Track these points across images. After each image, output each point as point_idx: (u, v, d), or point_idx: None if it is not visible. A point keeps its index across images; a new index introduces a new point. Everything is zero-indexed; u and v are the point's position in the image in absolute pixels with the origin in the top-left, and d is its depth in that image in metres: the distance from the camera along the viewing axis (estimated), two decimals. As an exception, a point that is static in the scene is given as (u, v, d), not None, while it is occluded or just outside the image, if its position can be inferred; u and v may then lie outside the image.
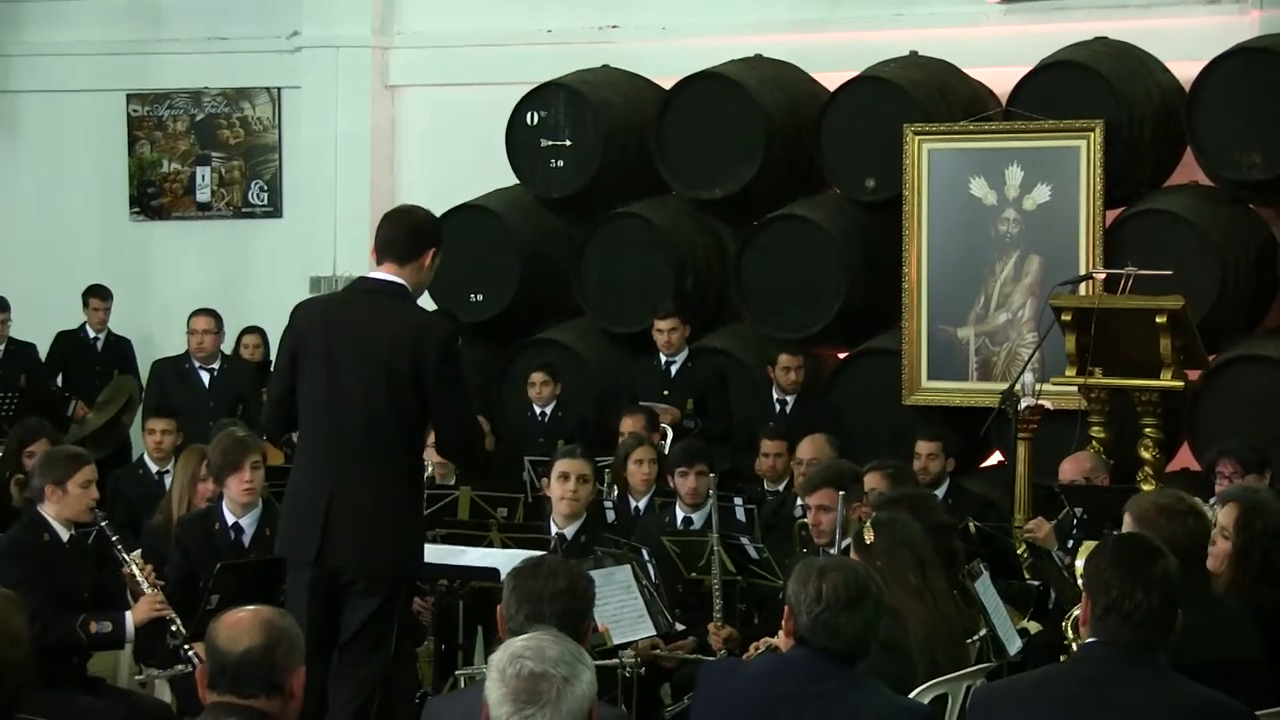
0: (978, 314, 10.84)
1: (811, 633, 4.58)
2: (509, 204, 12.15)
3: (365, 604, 6.29)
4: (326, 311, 6.52)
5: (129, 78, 14.23)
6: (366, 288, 6.44)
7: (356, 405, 6.26)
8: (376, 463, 6.25)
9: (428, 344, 6.24)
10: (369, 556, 6.26)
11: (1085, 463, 8.63)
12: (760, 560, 7.75)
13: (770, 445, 9.99)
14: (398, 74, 13.42)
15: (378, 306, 6.33)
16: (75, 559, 7.06)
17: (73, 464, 7.08)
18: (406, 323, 6.30)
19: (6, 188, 14.55)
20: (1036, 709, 4.41)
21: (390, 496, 6.28)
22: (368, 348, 6.25)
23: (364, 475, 6.25)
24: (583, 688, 3.60)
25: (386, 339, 6.24)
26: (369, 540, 6.25)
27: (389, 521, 6.28)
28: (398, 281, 6.34)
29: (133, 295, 13.43)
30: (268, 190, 14.05)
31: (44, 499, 7.02)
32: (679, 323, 11.06)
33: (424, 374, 6.21)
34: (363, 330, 6.29)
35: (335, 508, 6.24)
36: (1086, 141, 10.43)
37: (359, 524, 6.24)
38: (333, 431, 6.31)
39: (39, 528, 7.01)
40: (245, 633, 4.07)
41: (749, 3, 12.41)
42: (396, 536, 6.31)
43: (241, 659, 4.03)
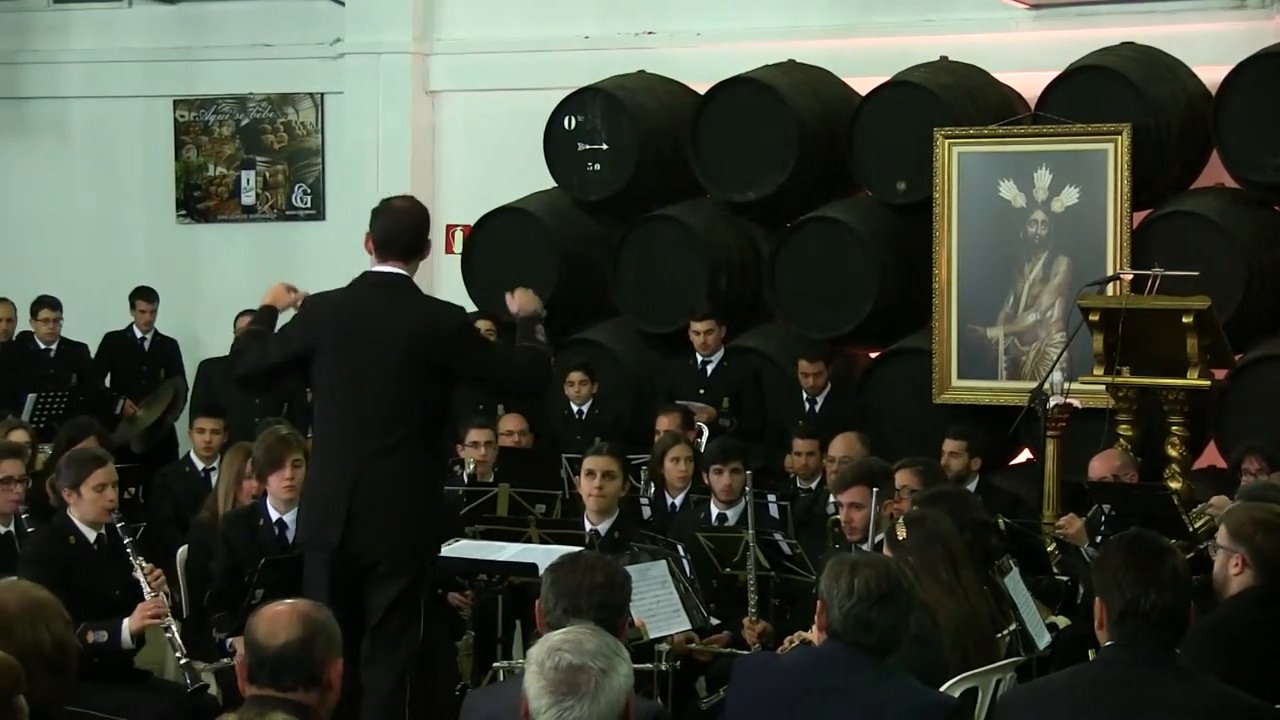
0: (1007, 314, 10.91)
1: (844, 627, 4.60)
2: (547, 207, 12.24)
3: (390, 586, 6.43)
4: (342, 308, 6.63)
5: (176, 84, 14.35)
6: (376, 282, 6.58)
7: (375, 397, 6.42)
8: (397, 449, 6.41)
9: (447, 330, 6.44)
10: (391, 539, 6.41)
11: (1114, 460, 8.63)
12: (793, 556, 7.75)
13: (802, 444, 10.05)
14: (438, 79, 13.48)
15: (389, 300, 6.50)
16: (103, 560, 7.05)
17: (87, 467, 7.09)
18: (419, 313, 6.47)
19: (58, 191, 14.67)
20: (1065, 711, 4.42)
21: (410, 481, 6.44)
22: (383, 340, 6.40)
23: (385, 462, 6.41)
24: (620, 680, 3.63)
25: (401, 330, 6.40)
26: (391, 524, 6.40)
27: (410, 505, 6.43)
28: (401, 273, 6.53)
29: (179, 296, 13.55)
30: (311, 193, 14.15)
31: (68, 502, 7.08)
32: (715, 324, 11.16)
33: (451, 357, 6.40)
34: (377, 324, 6.44)
35: (360, 495, 6.39)
36: (1114, 145, 10.49)
37: (382, 509, 6.40)
38: (351, 423, 6.48)
39: (65, 530, 7.04)
40: (283, 626, 4.13)
41: (782, 9, 12.46)
42: (417, 519, 6.46)
43: (280, 652, 4.09)
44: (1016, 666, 6.02)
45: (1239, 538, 5.38)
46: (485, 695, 5.00)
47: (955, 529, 6.00)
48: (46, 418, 11.68)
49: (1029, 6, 11.70)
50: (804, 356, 10.97)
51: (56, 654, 4.14)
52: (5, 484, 7.57)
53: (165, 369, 13.15)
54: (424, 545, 6.55)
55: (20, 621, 4.13)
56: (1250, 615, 5.27)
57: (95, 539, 7.06)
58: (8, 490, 7.57)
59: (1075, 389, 9.10)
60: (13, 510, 7.60)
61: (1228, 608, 5.36)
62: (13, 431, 9.32)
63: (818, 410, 10.89)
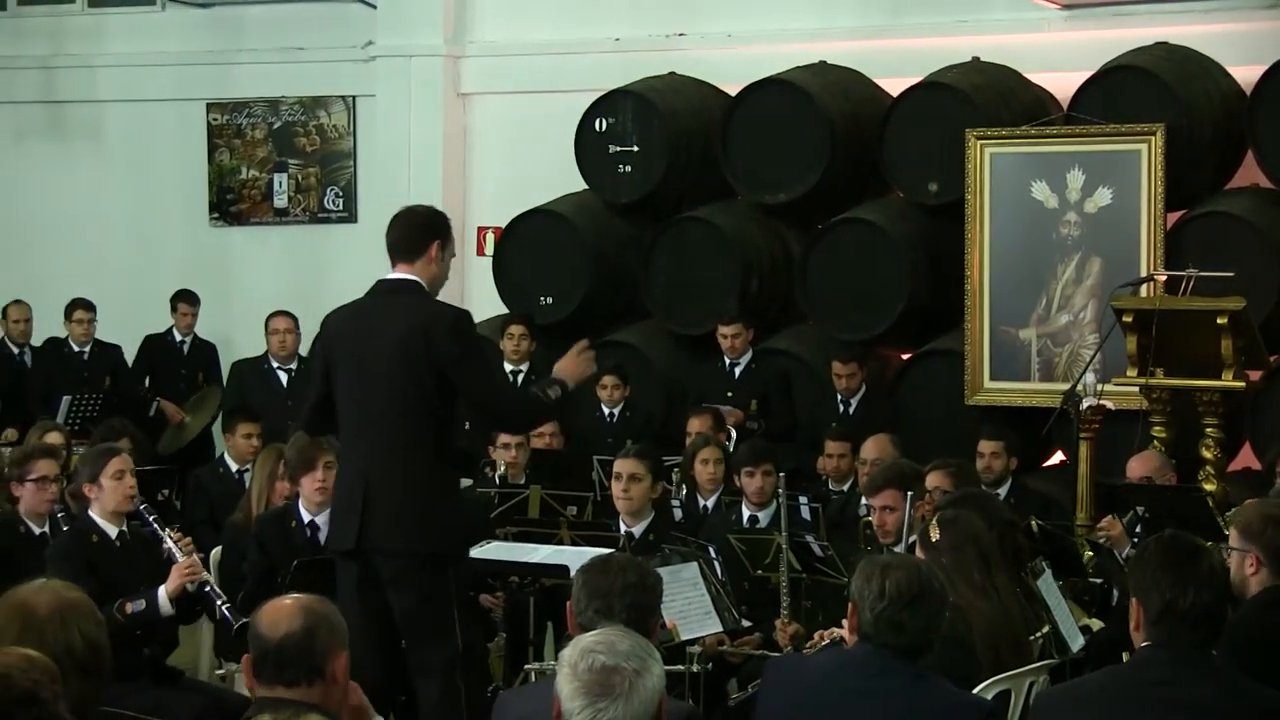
0: (1039, 315, 10.89)
1: (875, 629, 4.61)
2: (578, 209, 12.26)
3: (407, 592, 6.46)
4: (349, 317, 6.76)
5: (209, 87, 14.40)
6: (384, 288, 6.68)
7: (381, 397, 6.49)
8: (403, 450, 6.48)
9: (439, 330, 6.46)
10: (400, 543, 6.46)
11: (1152, 462, 8.61)
12: (825, 558, 7.75)
13: (834, 446, 10.06)
14: (470, 82, 13.49)
15: (393, 303, 6.58)
16: (127, 555, 7.08)
17: (102, 458, 7.13)
18: (419, 313, 6.50)
19: (93, 193, 14.72)
20: (1102, 712, 4.44)
21: (418, 481, 6.47)
22: (386, 341, 6.48)
23: (393, 462, 6.48)
24: (653, 681, 3.64)
25: (402, 331, 6.46)
26: (399, 528, 6.45)
27: (418, 509, 6.46)
28: (411, 278, 6.58)
29: (212, 299, 13.53)
30: (343, 196, 14.18)
31: (88, 500, 7.10)
32: (742, 327, 11.17)
33: (442, 359, 6.43)
34: (381, 326, 6.53)
35: (370, 495, 6.47)
36: (1148, 145, 10.46)
37: (390, 513, 6.45)
38: (363, 425, 6.57)
39: (87, 530, 7.08)
40: (285, 618, 4.15)
41: (813, 10, 12.45)
42: (426, 523, 6.47)
43: (281, 644, 4.10)
44: (1049, 669, 6.01)
45: (1249, 536, 5.37)
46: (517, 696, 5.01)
47: (989, 530, 6.00)
48: (81, 420, 11.72)
49: (1061, 6, 11.68)
50: (837, 358, 10.96)
51: (88, 655, 4.15)
52: (40, 484, 7.62)
53: (204, 372, 13.19)
54: (437, 550, 6.53)
55: (51, 624, 4.15)
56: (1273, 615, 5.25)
57: (117, 535, 7.09)
58: (43, 490, 7.62)
59: (1108, 390, 9.07)
60: (48, 510, 7.65)
61: (1249, 608, 5.34)
62: (48, 433, 9.37)
63: (851, 412, 10.88)
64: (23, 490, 7.67)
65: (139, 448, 9.85)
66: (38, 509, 7.64)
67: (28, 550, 7.38)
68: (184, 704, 6.77)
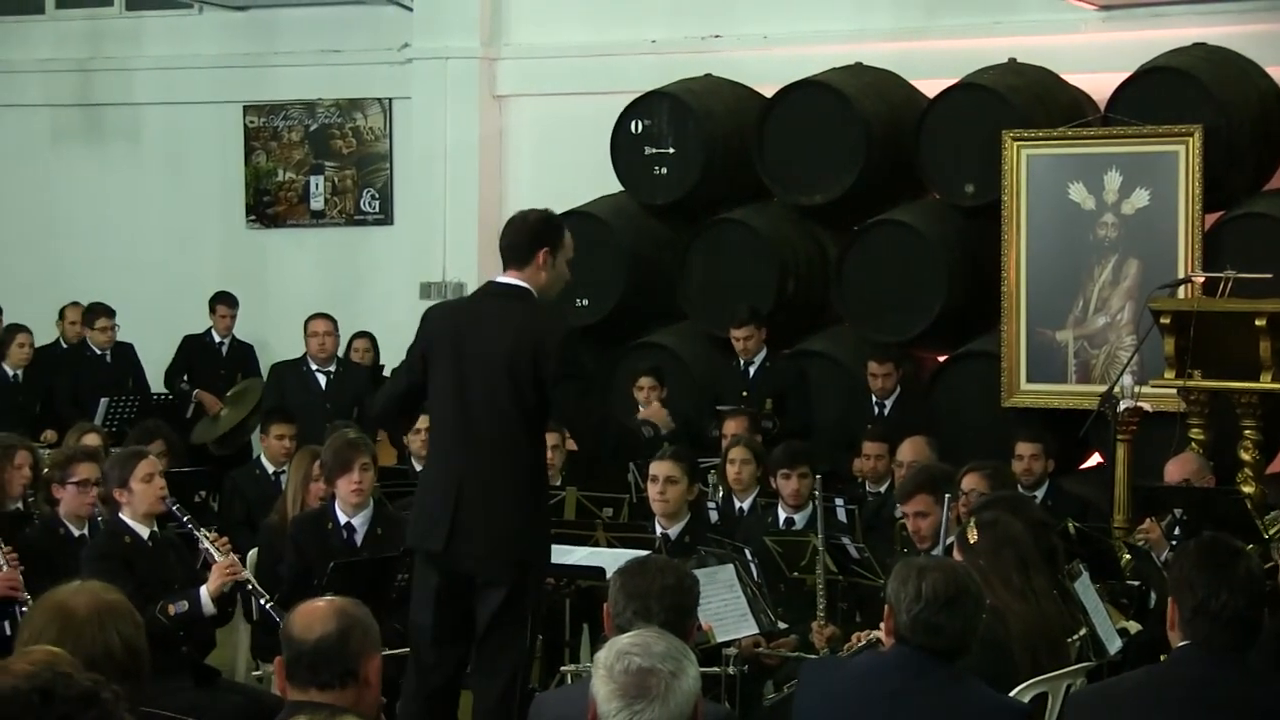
0: (1076, 317, 10.86)
1: (911, 631, 4.61)
2: (614, 210, 12.27)
3: (491, 597, 6.46)
4: (455, 315, 6.76)
5: (246, 90, 14.47)
6: (492, 291, 6.67)
7: (482, 402, 6.47)
8: (501, 456, 6.46)
9: (548, 346, 6.43)
10: (490, 549, 6.45)
11: (1190, 464, 8.58)
12: (861, 560, 7.74)
13: (871, 447, 10.04)
14: (505, 84, 13.51)
15: (500, 309, 6.55)
16: (160, 554, 7.12)
17: (130, 462, 7.15)
18: (526, 324, 6.47)
19: (130, 196, 14.80)
20: (1135, 712, 4.44)
21: (514, 487, 6.47)
22: (491, 347, 6.46)
23: (490, 468, 6.46)
24: (689, 683, 3.62)
25: (508, 339, 6.44)
26: (490, 534, 6.44)
27: (510, 516, 6.46)
28: (519, 284, 6.56)
29: (249, 301, 13.60)
30: (379, 198, 14.22)
31: (119, 504, 7.11)
32: (754, 329, 11.15)
33: (545, 372, 6.41)
34: (486, 332, 6.51)
35: (464, 499, 6.45)
36: (1185, 146, 10.42)
37: (485, 513, 6.44)
38: (461, 428, 6.53)
39: (120, 532, 7.10)
40: (319, 621, 4.14)
41: (849, 12, 12.45)
42: (517, 530, 6.48)
43: (316, 646, 4.10)
44: (1087, 672, 6.00)
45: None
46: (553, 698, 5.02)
47: (1026, 533, 5.99)
48: (119, 422, 11.78)
49: (1098, 7, 11.65)
50: (873, 357, 10.95)
51: (126, 657, 4.15)
52: (82, 487, 7.64)
53: (242, 374, 13.25)
54: (525, 557, 6.53)
55: (90, 625, 4.16)
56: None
57: (149, 536, 7.11)
58: (84, 493, 7.64)
59: (1146, 392, 9.05)
60: (88, 513, 7.68)
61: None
62: (86, 435, 9.41)
63: (886, 414, 10.86)
64: (64, 492, 7.70)
65: (173, 449, 9.90)
66: (78, 511, 7.67)
67: (66, 553, 7.40)
68: (221, 705, 6.76)
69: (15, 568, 7.04)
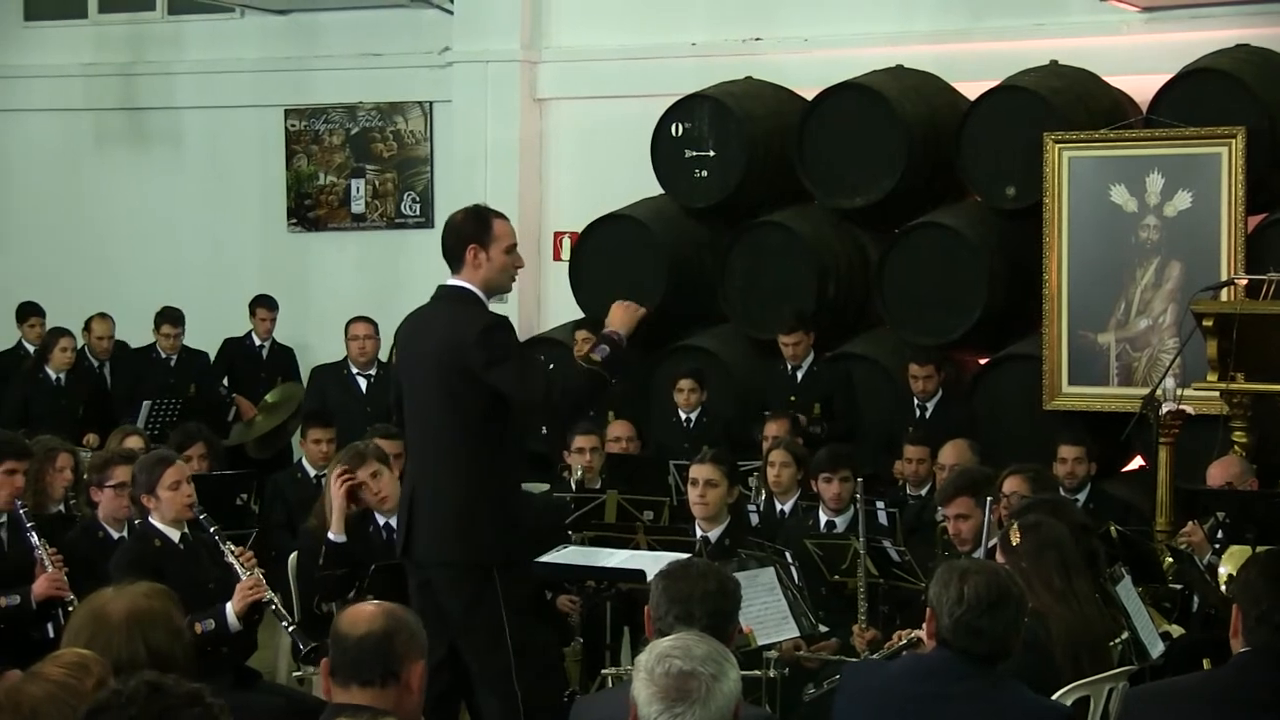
0: (1118, 320, 10.83)
1: (953, 634, 4.63)
2: (654, 213, 12.28)
3: (455, 599, 6.48)
4: (409, 322, 6.89)
5: (287, 93, 14.51)
6: (438, 295, 6.73)
7: (422, 407, 6.58)
8: (442, 460, 6.52)
9: (468, 339, 6.45)
10: (439, 553, 6.50)
11: (1233, 467, 8.54)
12: (902, 563, 7.74)
13: (913, 451, 10.03)
14: (546, 87, 13.52)
15: (438, 311, 6.66)
16: (193, 556, 7.11)
17: (157, 469, 7.14)
18: (454, 324, 6.52)
19: (172, 199, 14.86)
20: (1195, 712, 4.48)
21: (456, 490, 6.48)
22: (426, 351, 6.57)
23: (433, 472, 6.54)
24: (730, 686, 3.66)
25: (439, 342, 6.52)
26: (437, 536, 6.49)
27: (457, 518, 6.48)
28: (460, 285, 6.60)
29: (289, 304, 13.65)
30: (420, 201, 14.24)
31: (148, 509, 7.13)
32: (803, 335, 11.17)
33: (474, 365, 6.42)
34: (424, 334, 6.64)
35: (415, 505, 6.54)
36: (1228, 148, 10.37)
37: (429, 520, 6.51)
38: (411, 433, 6.69)
39: (150, 535, 7.10)
40: (366, 619, 4.21)
41: (890, 14, 12.43)
42: (464, 527, 6.47)
43: (360, 643, 4.16)
44: (1129, 675, 5.97)
45: None
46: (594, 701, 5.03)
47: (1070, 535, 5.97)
48: (160, 425, 11.83)
49: (1140, 9, 11.60)
50: (914, 359, 10.94)
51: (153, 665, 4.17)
52: (119, 490, 7.63)
53: (283, 377, 13.29)
54: (477, 560, 6.50)
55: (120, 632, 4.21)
56: None
57: (180, 539, 7.12)
58: (121, 496, 7.63)
59: (1188, 395, 9.01)
60: (126, 516, 7.68)
61: None
62: (128, 438, 9.44)
63: (928, 417, 10.84)
64: (102, 496, 7.70)
65: (214, 451, 9.94)
66: (116, 514, 7.67)
67: (106, 555, 7.42)
68: (261, 707, 6.70)
69: (60, 568, 7.08)
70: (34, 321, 13.41)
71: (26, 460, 7.54)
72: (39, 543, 7.13)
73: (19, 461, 7.40)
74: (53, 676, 3.70)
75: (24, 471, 7.43)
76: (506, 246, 6.65)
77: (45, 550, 7.11)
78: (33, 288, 14.08)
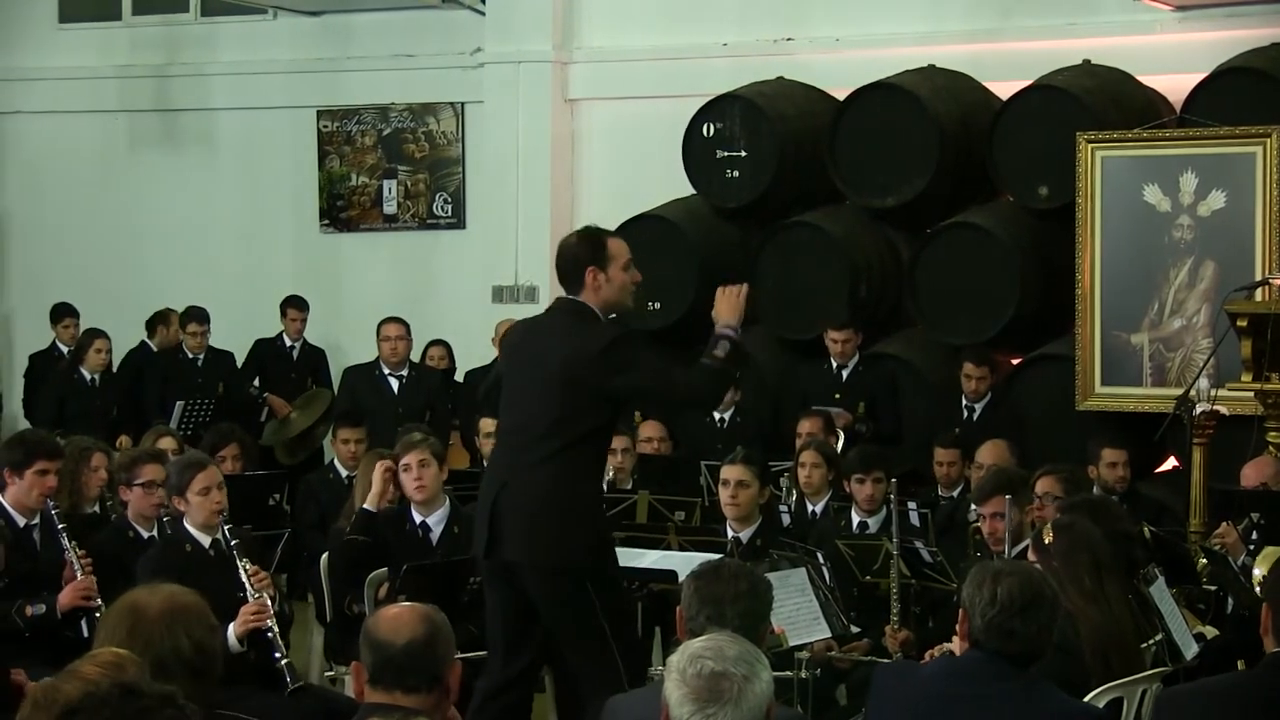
0: (1151, 320, 10.79)
1: (986, 636, 4.62)
2: (686, 214, 12.27)
3: (545, 602, 6.53)
4: (522, 330, 7.03)
5: (319, 94, 14.55)
6: (557, 307, 6.84)
7: (527, 412, 6.61)
8: (539, 464, 6.53)
9: (592, 350, 6.51)
10: (528, 554, 6.53)
11: (1267, 468, 8.51)
12: (934, 564, 7.74)
13: (944, 454, 10.00)
14: (577, 88, 13.54)
15: (560, 323, 6.71)
16: (220, 565, 7.03)
17: (188, 472, 7.13)
18: (578, 336, 6.58)
19: (205, 200, 14.92)
20: (1229, 713, 4.47)
21: (550, 498, 6.51)
22: (544, 358, 6.60)
23: (527, 475, 6.55)
24: (762, 687, 3.65)
25: (560, 351, 6.56)
26: (527, 538, 6.52)
27: (548, 522, 6.51)
28: (580, 301, 6.67)
29: (322, 305, 13.72)
30: (452, 202, 14.26)
31: (181, 511, 7.14)
32: (854, 332, 11.16)
33: (598, 377, 6.50)
34: (544, 344, 6.67)
35: (501, 506, 6.56)
36: (1263, 147, 10.32)
37: (519, 523, 6.53)
38: (508, 434, 6.72)
39: (180, 540, 7.11)
40: (407, 625, 4.19)
41: (922, 14, 12.41)
42: (557, 536, 6.51)
43: (406, 650, 4.14)
44: (1163, 677, 5.96)
45: None
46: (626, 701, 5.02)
47: (1104, 538, 5.96)
48: (193, 425, 11.88)
49: (1174, 8, 11.56)
50: (969, 359, 10.90)
51: (196, 657, 4.21)
52: (147, 488, 7.65)
53: (313, 377, 13.34)
54: (559, 565, 6.55)
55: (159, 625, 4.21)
56: None
57: (210, 544, 7.10)
58: (149, 495, 7.64)
59: (1222, 396, 8.93)
60: (154, 514, 7.69)
61: None
62: (161, 438, 9.47)
63: (975, 419, 10.79)
64: (130, 494, 7.73)
65: (247, 452, 9.98)
66: (144, 513, 7.68)
67: (136, 555, 7.44)
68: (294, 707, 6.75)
69: (89, 574, 7.06)
70: (68, 322, 13.49)
71: (59, 460, 7.52)
72: (69, 545, 7.12)
73: (50, 461, 7.39)
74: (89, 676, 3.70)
75: (56, 471, 7.42)
76: (624, 264, 6.72)
77: (75, 554, 7.10)
78: (67, 289, 14.17)
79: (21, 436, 8.07)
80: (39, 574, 7.19)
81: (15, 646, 6.79)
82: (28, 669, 6.19)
